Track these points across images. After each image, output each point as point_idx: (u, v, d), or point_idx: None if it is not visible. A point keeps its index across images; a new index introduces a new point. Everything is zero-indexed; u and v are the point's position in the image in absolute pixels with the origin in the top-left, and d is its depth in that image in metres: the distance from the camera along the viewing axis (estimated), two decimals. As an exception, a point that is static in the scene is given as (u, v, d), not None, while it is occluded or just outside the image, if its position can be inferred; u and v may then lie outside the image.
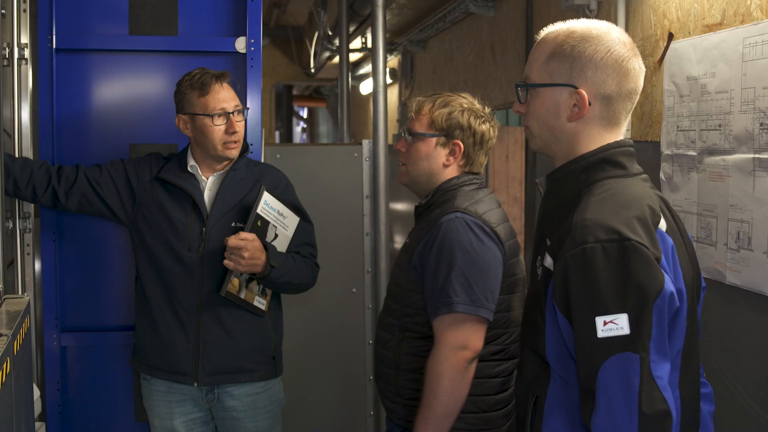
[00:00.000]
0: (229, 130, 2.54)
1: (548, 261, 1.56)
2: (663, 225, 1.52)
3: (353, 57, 8.43)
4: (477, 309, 2.08)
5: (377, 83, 3.65)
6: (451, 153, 2.26)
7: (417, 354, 2.20)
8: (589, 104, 1.58)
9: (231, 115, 2.55)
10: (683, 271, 1.53)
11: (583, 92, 1.57)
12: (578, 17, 3.55)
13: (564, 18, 4.10)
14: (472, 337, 2.10)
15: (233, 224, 2.55)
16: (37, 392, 2.54)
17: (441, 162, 2.27)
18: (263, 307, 2.60)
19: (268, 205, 2.52)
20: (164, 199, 2.59)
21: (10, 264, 2.56)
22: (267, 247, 2.48)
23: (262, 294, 2.59)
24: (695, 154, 2.71)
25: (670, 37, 2.92)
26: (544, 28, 1.67)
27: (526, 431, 1.64)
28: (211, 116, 2.53)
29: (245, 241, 2.41)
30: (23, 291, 2.67)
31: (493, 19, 5.43)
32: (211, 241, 2.53)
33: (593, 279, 1.43)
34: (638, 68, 1.60)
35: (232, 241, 2.41)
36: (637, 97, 1.63)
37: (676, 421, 1.45)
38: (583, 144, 1.61)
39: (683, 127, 2.78)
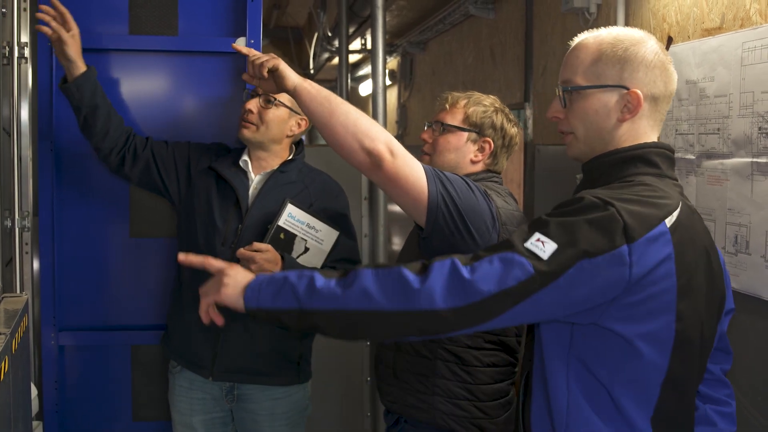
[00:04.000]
0: (243, 107, 2.57)
1: None
2: (669, 221, 1.51)
3: (352, 58, 8.44)
4: (434, 178, 1.94)
5: (376, 85, 3.65)
6: (480, 150, 2.29)
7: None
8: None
9: (259, 97, 2.56)
10: (683, 275, 1.51)
11: (638, 92, 1.60)
12: (578, 20, 3.56)
13: (563, 21, 4.08)
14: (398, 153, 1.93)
15: (269, 226, 2.50)
16: (34, 391, 2.54)
17: (469, 157, 2.29)
18: None
19: (293, 217, 2.46)
20: (213, 189, 2.60)
21: (8, 262, 2.56)
22: (285, 259, 2.42)
23: None
24: (694, 157, 2.71)
25: (670, 40, 2.93)
26: (579, 35, 1.70)
27: (519, 406, 1.68)
28: (246, 89, 2.60)
29: (256, 253, 2.37)
30: (21, 290, 2.67)
31: (493, 22, 5.43)
32: (245, 239, 2.50)
33: (561, 211, 1.50)
34: (675, 72, 1.67)
35: (240, 251, 2.38)
36: (672, 99, 1.69)
37: (647, 415, 1.51)
38: (628, 143, 1.64)
39: (682, 130, 2.79)
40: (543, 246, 1.44)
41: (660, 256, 1.47)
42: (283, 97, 2.56)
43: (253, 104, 2.56)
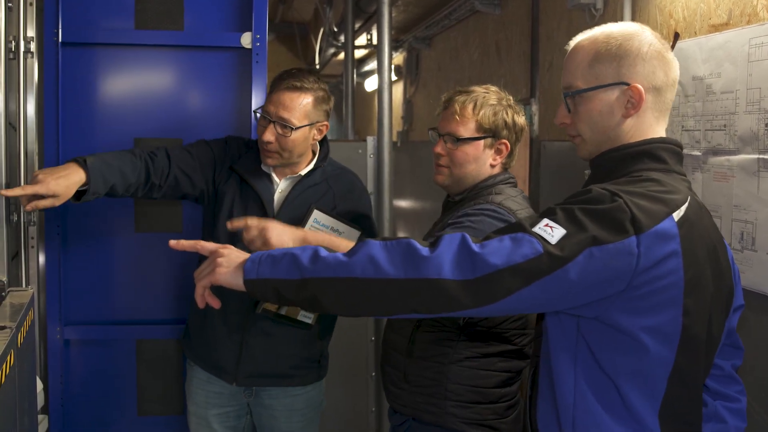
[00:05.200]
0: (260, 136, 2.49)
1: None
2: (677, 215, 1.51)
3: (358, 54, 8.42)
4: None
5: (382, 80, 3.65)
6: (498, 152, 2.27)
7: (432, 342, 2.21)
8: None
9: (272, 123, 2.47)
10: (691, 269, 1.51)
11: (639, 86, 1.60)
12: (584, 16, 3.55)
13: (569, 17, 4.06)
14: None
15: None
16: (39, 385, 2.55)
17: (489, 163, 2.27)
18: (310, 321, 2.53)
19: (318, 222, 2.45)
20: (236, 193, 2.56)
21: (14, 257, 2.56)
22: None
23: None
24: (700, 154, 2.71)
25: (676, 36, 2.92)
26: (573, 39, 1.70)
27: (526, 399, 1.68)
28: (256, 111, 2.54)
29: None
30: (27, 284, 2.67)
31: (499, 17, 5.42)
32: None
33: (571, 201, 1.49)
34: (675, 60, 1.66)
35: None
36: (676, 87, 1.67)
37: (654, 410, 1.51)
38: (635, 138, 1.64)
39: (688, 127, 2.78)
40: (551, 231, 1.44)
41: (667, 250, 1.47)
42: (300, 118, 2.48)
43: (270, 135, 2.47)
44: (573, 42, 1.69)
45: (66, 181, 2.26)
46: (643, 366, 1.51)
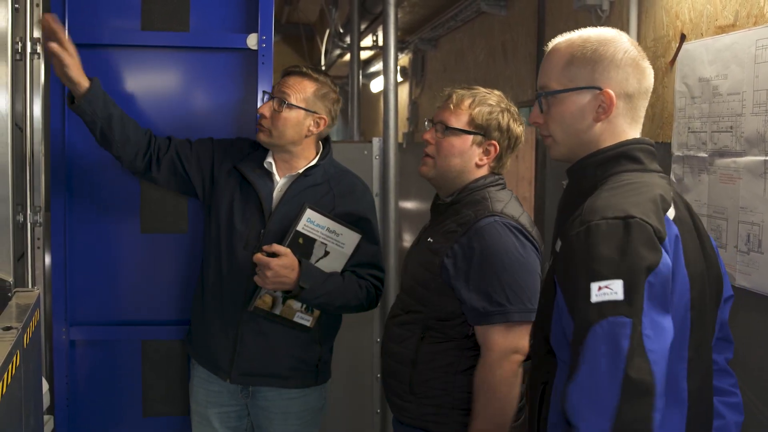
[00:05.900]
0: (259, 110, 2.54)
1: (558, 245, 1.58)
2: (671, 213, 1.53)
3: (364, 55, 8.43)
4: (529, 315, 2.03)
5: (388, 81, 3.65)
6: (485, 153, 2.24)
7: (437, 352, 2.18)
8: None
9: (272, 99, 2.53)
10: (691, 264, 1.53)
11: (610, 92, 1.60)
12: (590, 17, 3.55)
13: (575, 18, 4.07)
14: (522, 341, 2.07)
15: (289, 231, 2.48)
16: (45, 385, 2.56)
17: (474, 161, 2.23)
18: (308, 324, 2.52)
19: (312, 222, 2.43)
20: (236, 191, 2.57)
21: (20, 257, 2.57)
22: (302, 264, 2.40)
23: (308, 310, 2.51)
24: (706, 155, 2.70)
25: (683, 38, 2.91)
26: (552, 40, 1.72)
27: (534, 417, 1.66)
28: (265, 92, 2.60)
29: (272, 259, 2.36)
30: (33, 284, 2.67)
31: (505, 19, 5.42)
32: (267, 244, 2.45)
33: (593, 250, 1.43)
34: (650, 68, 1.66)
35: (257, 257, 2.37)
36: (649, 95, 1.68)
37: (683, 416, 1.48)
38: (608, 143, 1.64)
39: (694, 128, 2.78)
40: (611, 289, 1.39)
41: (674, 248, 1.48)
42: (297, 99, 2.52)
43: (266, 108, 2.52)
44: (551, 44, 1.71)
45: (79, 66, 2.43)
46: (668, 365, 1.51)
